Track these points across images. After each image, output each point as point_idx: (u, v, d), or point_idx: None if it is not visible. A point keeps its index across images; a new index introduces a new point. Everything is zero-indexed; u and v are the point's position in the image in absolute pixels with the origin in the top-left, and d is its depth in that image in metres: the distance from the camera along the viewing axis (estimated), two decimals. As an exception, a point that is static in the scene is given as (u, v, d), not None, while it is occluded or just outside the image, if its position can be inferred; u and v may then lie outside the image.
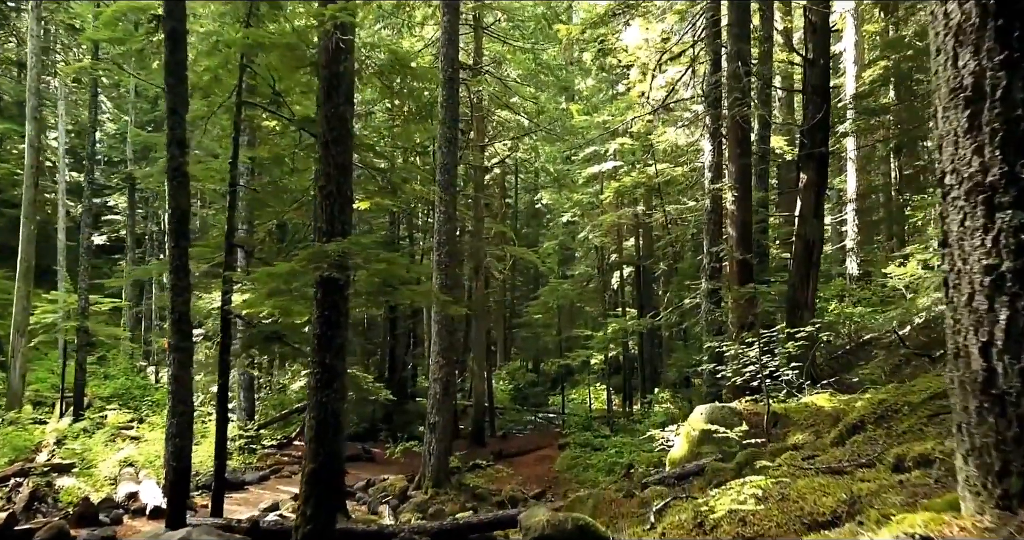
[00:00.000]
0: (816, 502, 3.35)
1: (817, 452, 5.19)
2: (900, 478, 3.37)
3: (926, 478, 3.24)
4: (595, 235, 24.04)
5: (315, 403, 6.75)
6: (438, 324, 14.20)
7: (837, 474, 3.92)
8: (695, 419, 8.73)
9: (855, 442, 5.13)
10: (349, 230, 6.96)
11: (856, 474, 3.83)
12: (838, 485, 3.51)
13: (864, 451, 4.61)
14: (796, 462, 4.89)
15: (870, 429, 5.42)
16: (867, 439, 5.07)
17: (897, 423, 5.15)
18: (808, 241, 12.27)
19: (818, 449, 5.58)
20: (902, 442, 4.63)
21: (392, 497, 13.39)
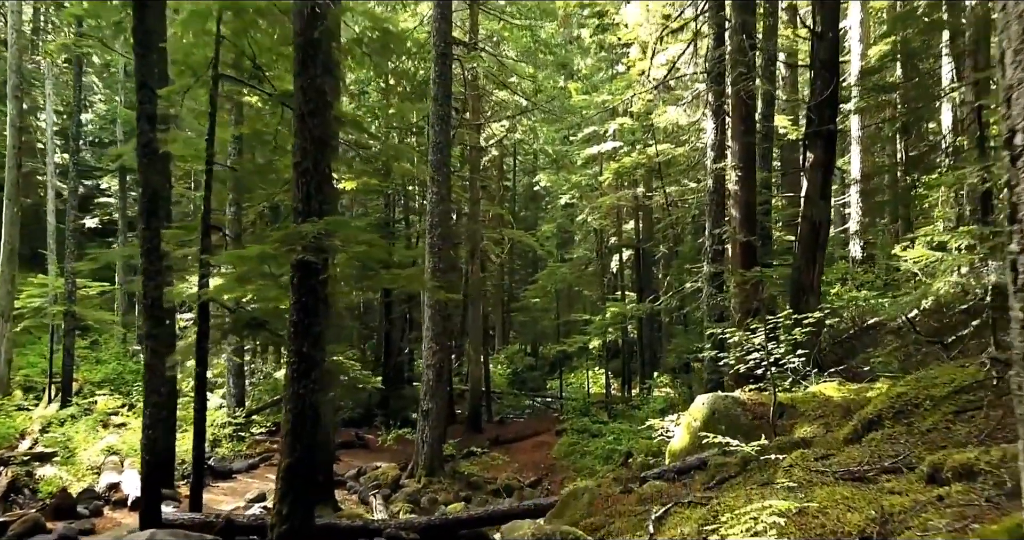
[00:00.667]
0: (840, 519, 2.92)
1: (831, 451, 4.75)
2: (938, 492, 2.94)
3: (971, 494, 2.81)
4: (594, 218, 23.55)
5: (292, 394, 6.32)
6: (431, 309, 13.77)
7: (859, 481, 3.49)
8: (696, 409, 8.31)
9: (873, 440, 4.69)
10: (328, 209, 6.50)
11: (882, 482, 3.40)
12: (864, 497, 3.09)
13: (885, 452, 4.18)
14: (809, 462, 4.46)
15: (888, 425, 4.99)
16: (886, 437, 4.64)
17: (919, 419, 4.72)
18: (814, 222, 11.79)
19: (832, 447, 5.14)
20: (927, 442, 4.20)
21: (384, 486, 13.03)
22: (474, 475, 14.61)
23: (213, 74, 8.70)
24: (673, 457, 8.32)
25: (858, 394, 7.55)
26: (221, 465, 13.28)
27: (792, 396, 8.07)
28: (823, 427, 6.81)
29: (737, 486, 5.57)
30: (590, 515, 6.54)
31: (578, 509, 6.82)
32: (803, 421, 7.28)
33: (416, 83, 22.15)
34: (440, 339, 13.79)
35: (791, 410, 7.70)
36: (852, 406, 7.11)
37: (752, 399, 8.11)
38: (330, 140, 6.68)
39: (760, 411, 7.89)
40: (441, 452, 13.94)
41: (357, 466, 15.42)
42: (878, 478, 3.50)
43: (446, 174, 13.94)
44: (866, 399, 7.16)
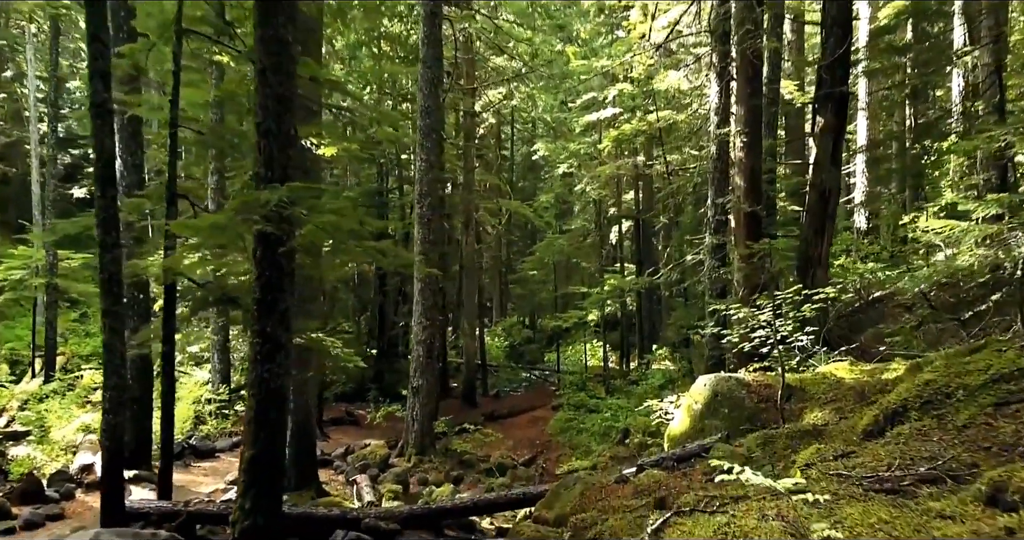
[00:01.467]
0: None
1: (851, 447, 4.20)
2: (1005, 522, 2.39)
3: (1053, 528, 2.28)
4: (593, 187, 22.86)
5: (255, 379, 5.77)
6: (421, 283, 13.19)
7: (894, 494, 2.94)
8: (698, 390, 7.78)
9: (900, 436, 4.13)
10: (292, 175, 5.87)
11: (923, 497, 2.84)
12: (907, 522, 2.53)
13: (917, 453, 3.62)
14: (828, 462, 3.91)
15: (915, 417, 4.43)
16: (915, 433, 4.08)
17: (952, 412, 4.16)
18: (823, 191, 11.13)
19: (850, 442, 4.59)
20: (966, 442, 3.64)
21: (372, 466, 12.57)
22: (466, 453, 14.18)
23: (176, 29, 8.01)
24: (672, 442, 7.81)
25: (872, 376, 7.00)
26: (204, 444, 12.81)
27: (800, 377, 7.52)
28: (835, 413, 6.26)
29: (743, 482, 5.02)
30: (581, 508, 6.02)
31: (568, 501, 6.30)
32: (813, 405, 6.74)
33: (408, 47, 21.34)
34: (430, 314, 13.24)
35: (799, 393, 7.16)
36: (867, 389, 6.57)
37: (757, 380, 7.57)
38: (295, 98, 6.03)
39: (766, 393, 7.36)
40: (432, 430, 13.48)
41: (346, 444, 14.98)
42: (916, 490, 2.94)
43: (436, 140, 13.26)
44: (881, 382, 6.62)
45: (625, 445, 14.20)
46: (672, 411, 8.90)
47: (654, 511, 5.23)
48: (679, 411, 8.10)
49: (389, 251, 6.64)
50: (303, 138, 9.69)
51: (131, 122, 10.97)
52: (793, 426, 5.96)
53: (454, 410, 19.72)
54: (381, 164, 24.77)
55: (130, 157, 10.98)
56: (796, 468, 4.12)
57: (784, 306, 7.48)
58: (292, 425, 10.33)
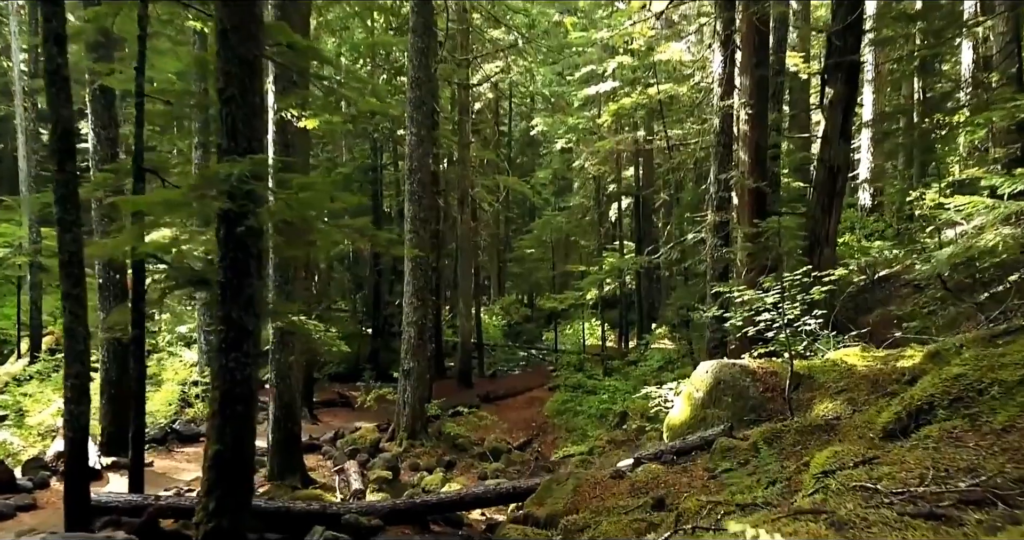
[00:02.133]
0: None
1: (874, 451, 3.74)
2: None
3: None
4: (591, 163, 22.26)
5: (219, 369, 5.32)
6: (412, 262, 12.70)
7: (935, 519, 2.49)
8: (699, 378, 7.34)
9: (928, 439, 3.68)
10: (260, 147, 5.36)
11: (972, 527, 2.39)
12: (960, 566, 2.12)
13: (952, 461, 3.16)
14: (849, 471, 3.45)
15: (943, 416, 3.97)
16: (946, 436, 3.62)
17: (987, 412, 3.70)
18: (832, 167, 10.63)
19: (869, 441, 4.14)
20: (1008, 449, 3.19)
21: (362, 450, 12.18)
22: (460, 436, 13.78)
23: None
24: (672, 432, 7.38)
25: (886, 363, 6.55)
26: (188, 428, 12.40)
27: (808, 364, 7.08)
28: (848, 404, 5.82)
29: (750, 485, 4.59)
30: (574, 507, 5.61)
31: (560, 498, 5.89)
32: (823, 395, 6.30)
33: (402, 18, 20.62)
34: (421, 294, 12.77)
35: (807, 381, 6.71)
36: (881, 378, 6.12)
37: (762, 367, 7.12)
38: (260, 63, 5.49)
39: (772, 381, 6.92)
40: (424, 413, 13.08)
41: (337, 427, 14.59)
42: (962, 516, 2.49)
43: (426, 113, 12.69)
44: (897, 370, 6.17)
45: (623, 429, 13.82)
46: (671, 398, 8.48)
47: (652, 514, 4.81)
48: (679, 399, 7.67)
49: (367, 230, 6.16)
50: (283, 110, 9.16)
51: (104, 93, 10.41)
52: (803, 420, 5.52)
53: (449, 391, 19.35)
54: (375, 139, 24.13)
55: (103, 130, 10.44)
56: (810, 476, 3.67)
57: (794, 288, 7.01)
58: (276, 410, 9.93)
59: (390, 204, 28.63)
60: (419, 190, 12.63)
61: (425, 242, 12.77)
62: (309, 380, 15.32)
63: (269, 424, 9.99)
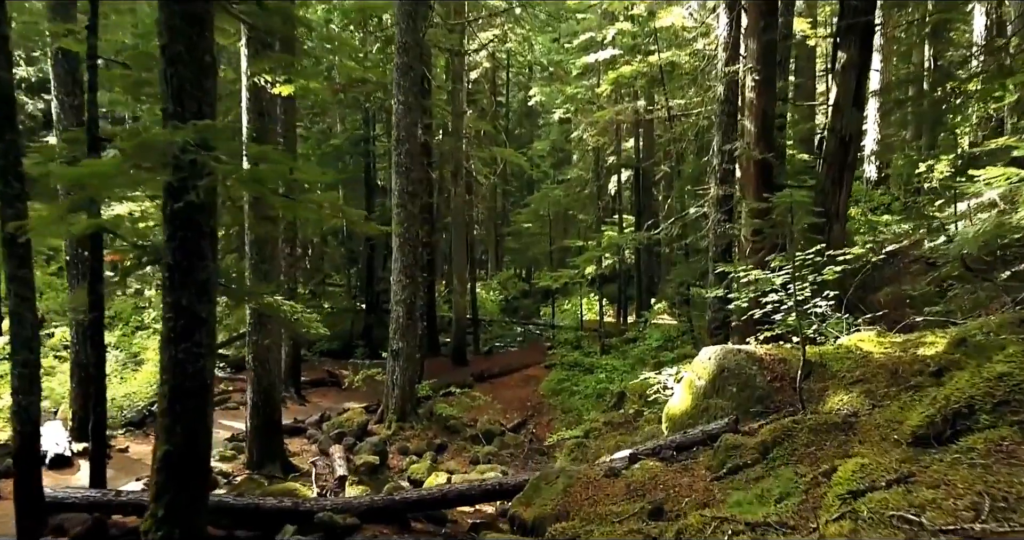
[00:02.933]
0: None
1: (907, 465, 3.21)
2: None
3: None
4: (590, 134, 21.55)
5: (168, 361, 4.77)
6: (400, 238, 12.13)
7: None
8: (701, 365, 6.81)
9: (972, 453, 3.14)
10: (212, 112, 4.76)
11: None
12: None
13: (1008, 484, 2.63)
14: (879, 490, 2.93)
15: (986, 422, 3.44)
16: (994, 449, 3.09)
17: (1041, 420, 3.16)
18: (843, 137, 10.01)
19: (901, 454, 3.60)
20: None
21: (349, 434, 11.72)
22: (452, 418, 13.33)
23: (91, -60, 6.76)
24: (672, 423, 6.87)
25: (905, 350, 6.02)
26: (167, 411, 11.94)
27: (820, 351, 6.54)
28: (866, 397, 5.29)
29: (760, 495, 4.07)
30: (564, 511, 5.11)
31: (550, 498, 5.38)
32: (837, 386, 5.76)
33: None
34: (411, 271, 12.21)
35: (819, 370, 6.18)
36: (901, 368, 5.58)
37: (770, 354, 6.58)
38: (211, 16, 4.86)
39: (780, 370, 6.39)
40: (414, 395, 12.60)
41: (325, 408, 14.14)
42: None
43: (414, 79, 12.01)
44: (918, 359, 5.63)
45: (620, 411, 13.38)
46: (671, 385, 7.96)
47: (649, 524, 4.30)
48: (679, 386, 7.15)
49: (334, 206, 5.57)
50: (255, 75, 8.51)
51: (66, 57, 9.74)
52: (817, 417, 4.98)
53: (443, 369, 18.90)
54: (367, 109, 23.35)
55: (66, 97, 9.79)
56: (834, 495, 3.14)
57: (805, 267, 6.44)
58: (254, 395, 9.44)
59: (384, 177, 27.94)
60: (407, 161, 12.00)
61: (414, 217, 12.18)
62: (296, 360, 14.85)
63: (248, 409, 9.51)
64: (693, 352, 13.81)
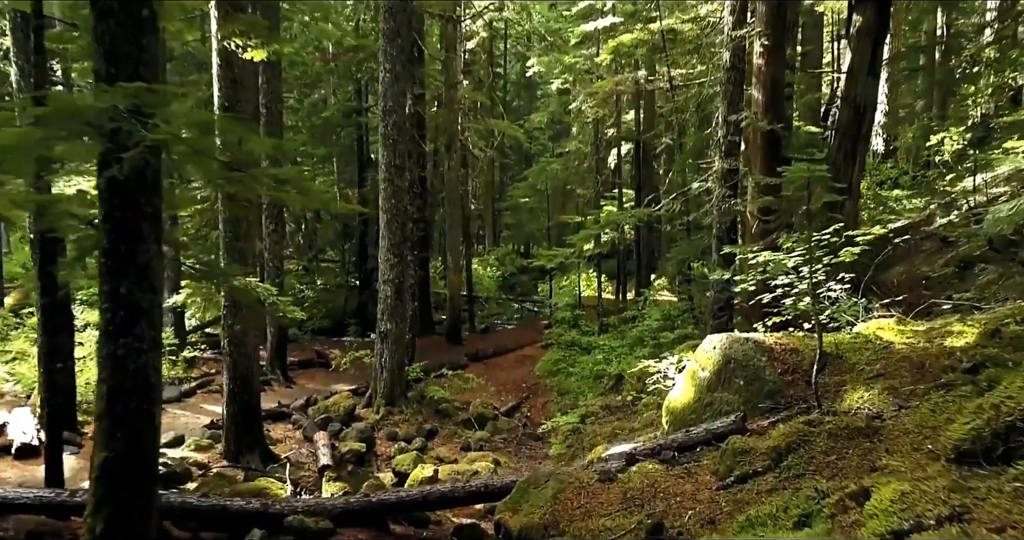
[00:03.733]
0: None
1: (956, 495, 2.68)
2: None
3: None
4: (589, 105, 20.79)
5: (106, 358, 4.22)
6: (387, 213, 11.54)
7: None
8: (705, 354, 6.27)
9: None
10: (154, 75, 4.15)
11: None
12: None
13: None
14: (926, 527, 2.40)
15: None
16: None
17: (1123, 444, 2.62)
18: (857, 106, 9.37)
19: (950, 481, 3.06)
20: None
21: (335, 419, 11.26)
22: (443, 401, 12.86)
23: None
24: (673, 417, 6.35)
25: (930, 340, 5.48)
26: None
27: (835, 339, 5.99)
28: (889, 394, 4.76)
29: (774, 514, 3.55)
30: (554, 521, 4.60)
31: (538, 506, 4.88)
32: (855, 381, 5.23)
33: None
34: (399, 249, 11.64)
35: (836, 361, 5.64)
36: (928, 362, 5.05)
37: (780, 343, 6.04)
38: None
39: (792, 361, 5.85)
40: (403, 378, 12.11)
41: (313, 391, 13.67)
42: None
43: (402, 46, 11.32)
44: (946, 351, 5.10)
45: (618, 394, 12.91)
46: (673, 375, 7.43)
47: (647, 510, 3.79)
48: (681, 377, 6.62)
49: (296, 181, 4.97)
50: (226, 38, 7.86)
51: (25, 19, 9.05)
52: (836, 419, 4.45)
53: (437, 348, 18.42)
54: (358, 79, 22.56)
55: (26, 64, 9.12)
56: (870, 532, 2.61)
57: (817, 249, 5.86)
58: (230, 382, 8.93)
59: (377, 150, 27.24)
60: (394, 133, 11.37)
61: (402, 191, 11.58)
62: (282, 340, 14.34)
63: (224, 397, 9.00)
64: (694, 333, 13.30)
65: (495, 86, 32.60)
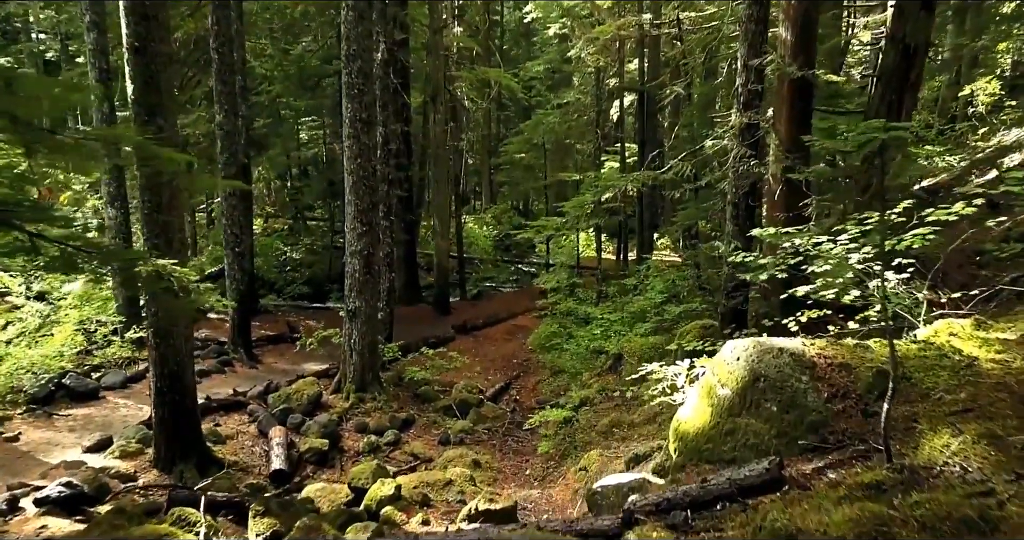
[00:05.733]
0: None
1: None
2: None
3: None
4: (589, 52, 18.99)
5: None
6: (352, 175, 10.07)
7: None
8: (726, 366, 4.88)
9: None
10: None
11: None
12: None
13: None
14: None
15: None
16: None
17: None
18: (907, 47, 7.80)
19: None
20: None
21: (297, 409, 9.97)
22: (424, 383, 11.60)
23: None
24: (683, 445, 4.99)
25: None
26: (81, 383, 10.12)
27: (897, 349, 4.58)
28: (990, 443, 3.39)
29: None
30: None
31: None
32: (932, 416, 3.85)
33: None
34: (366, 216, 10.18)
35: (901, 383, 4.25)
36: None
37: (825, 356, 4.63)
38: None
39: (842, 382, 4.46)
40: (376, 361, 10.80)
41: (280, 371, 12.40)
42: None
43: (366, -21, 9.66)
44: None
45: (616, 373, 11.63)
46: (683, 386, 6.04)
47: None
48: (695, 392, 5.23)
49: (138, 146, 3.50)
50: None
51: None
52: (926, 498, 3.07)
53: (424, 318, 17.13)
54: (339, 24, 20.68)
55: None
56: None
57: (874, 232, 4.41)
58: (157, 380, 7.59)
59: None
60: (359, 82, 9.80)
61: (369, 150, 10.06)
62: (245, 315, 12.98)
63: (152, 397, 7.68)
64: (702, 310, 11.93)
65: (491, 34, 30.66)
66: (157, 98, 7.07)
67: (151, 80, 7.01)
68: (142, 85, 7.00)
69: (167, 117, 7.16)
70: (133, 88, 7.02)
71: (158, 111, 7.08)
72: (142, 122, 7.00)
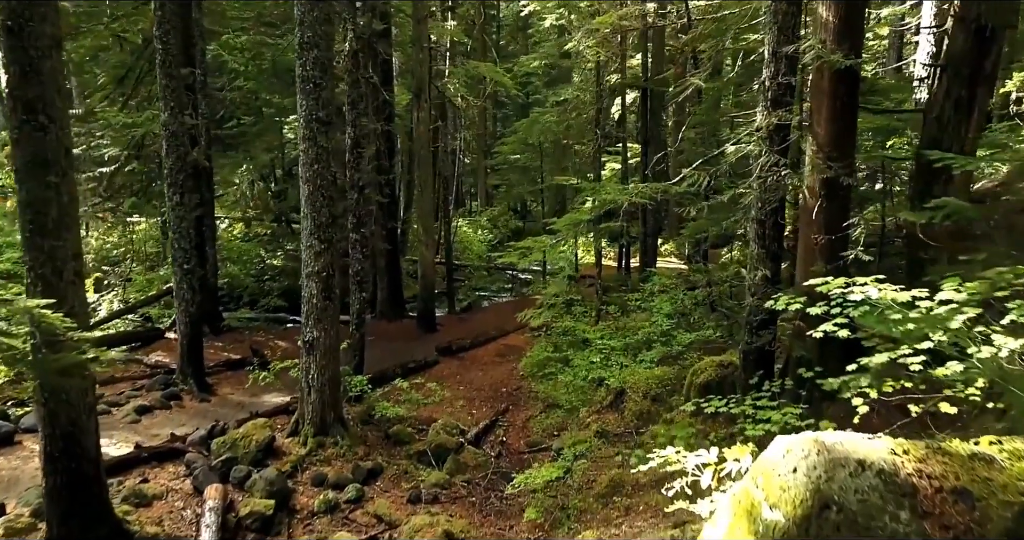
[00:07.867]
0: None
1: None
2: None
3: None
4: (588, 45, 17.49)
5: None
6: (308, 184, 8.59)
7: None
8: (777, 478, 3.36)
9: None
10: None
11: None
12: None
13: None
14: None
15: None
16: None
17: None
18: (980, 29, 6.29)
19: None
20: None
21: (243, 459, 8.48)
22: (398, 419, 10.14)
23: None
24: (712, 594, 3.49)
25: None
26: None
27: None
28: None
29: None
30: None
31: None
32: None
33: None
34: (325, 232, 8.69)
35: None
36: None
37: (927, 473, 3.12)
38: None
39: (961, 519, 2.94)
40: (338, 399, 9.30)
41: (234, 406, 10.94)
42: None
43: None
44: None
45: (618, 411, 10.18)
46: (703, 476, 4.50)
47: None
48: (726, 503, 3.72)
49: None
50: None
51: None
52: None
53: (407, 336, 15.68)
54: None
55: None
56: None
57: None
58: (48, 444, 6.11)
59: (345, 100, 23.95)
60: (316, 75, 8.34)
61: (326, 154, 8.58)
62: (195, 338, 11.48)
63: (41, 463, 6.21)
64: (718, 341, 10.45)
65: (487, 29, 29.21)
66: (39, 90, 5.63)
67: (31, 68, 5.57)
68: (19, 74, 5.56)
69: (53, 113, 5.71)
70: (8, 78, 5.58)
71: (40, 106, 5.64)
72: (20, 120, 5.58)
